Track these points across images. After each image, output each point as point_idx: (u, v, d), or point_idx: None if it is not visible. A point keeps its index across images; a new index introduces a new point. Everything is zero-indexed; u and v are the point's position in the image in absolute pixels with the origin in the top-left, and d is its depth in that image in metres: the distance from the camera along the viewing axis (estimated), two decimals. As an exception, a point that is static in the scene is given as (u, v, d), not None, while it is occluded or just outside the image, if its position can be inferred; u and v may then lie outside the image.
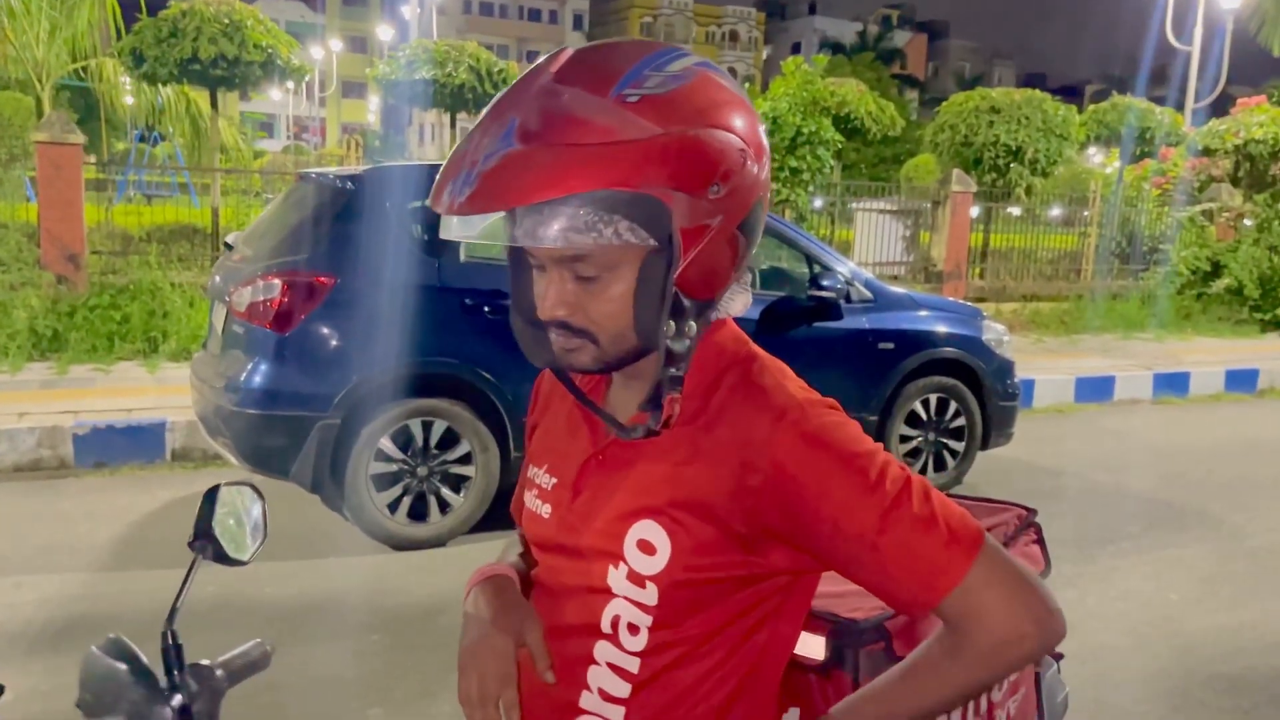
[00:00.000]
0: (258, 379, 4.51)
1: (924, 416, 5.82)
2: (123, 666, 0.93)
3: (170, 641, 0.99)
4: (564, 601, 1.10)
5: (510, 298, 1.09)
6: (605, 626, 1.06)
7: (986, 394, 5.94)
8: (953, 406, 5.88)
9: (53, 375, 7.24)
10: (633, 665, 1.06)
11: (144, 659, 0.94)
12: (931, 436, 5.86)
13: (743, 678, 1.08)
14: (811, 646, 1.20)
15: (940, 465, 5.89)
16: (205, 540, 1.12)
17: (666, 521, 1.02)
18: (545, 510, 1.14)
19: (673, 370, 1.01)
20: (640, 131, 0.91)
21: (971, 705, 1.26)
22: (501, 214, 0.95)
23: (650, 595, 1.03)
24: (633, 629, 1.05)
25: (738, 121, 0.98)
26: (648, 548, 1.03)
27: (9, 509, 5.10)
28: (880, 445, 1.02)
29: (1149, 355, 10.56)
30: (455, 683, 1.06)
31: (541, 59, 1.00)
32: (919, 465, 5.86)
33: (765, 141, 1.03)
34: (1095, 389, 9.05)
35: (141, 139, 19.93)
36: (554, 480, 1.14)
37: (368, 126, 49.35)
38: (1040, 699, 1.47)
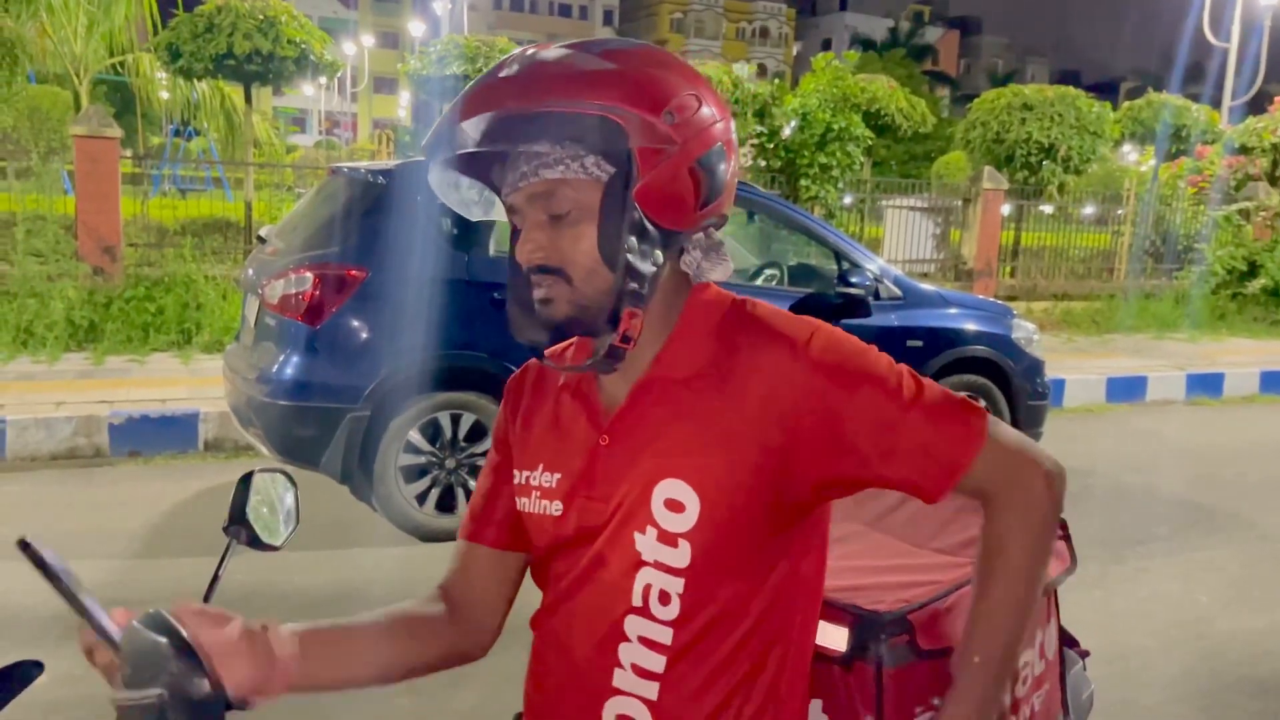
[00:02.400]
0: (289, 371, 4.56)
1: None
2: (163, 640, 0.96)
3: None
4: (591, 590, 1.11)
5: (510, 291, 1.14)
6: (636, 599, 1.07)
7: (1016, 393, 5.90)
8: (981, 405, 5.85)
9: (89, 365, 7.36)
10: (665, 636, 1.06)
11: (184, 633, 0.97)
12: (959, 435, 5.82)
13: (772, 646, 1.09)
14: (834, 638, 1.21)
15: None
16: (240, 525, 1.15)
17: (691, 475, 1.05)
18: (555, 508, 1.13)
19: (633, 285, 1.05)
20: (599, 65, 1.02)
21: None
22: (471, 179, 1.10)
23: (682, 555, 1.05)
24: (664, 597, 1.06)
25: (686, 73, 1.07)
26: (675, 506, 1.05)
27: (46, 496, 5.19)
28: (879, 352, 1.11)
29: (1182, 355, 10.44)
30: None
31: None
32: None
33: (720, 99, 1.10)
34: (1127, 389, 8.96)
35: (176, 133, 20.16)
36: (558, 475, 1.14)
37: (399, 122, 49.65)
38: (1065, 695, 1.47)
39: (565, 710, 1.13)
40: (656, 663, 1.07)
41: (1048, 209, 13.87)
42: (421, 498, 4.65)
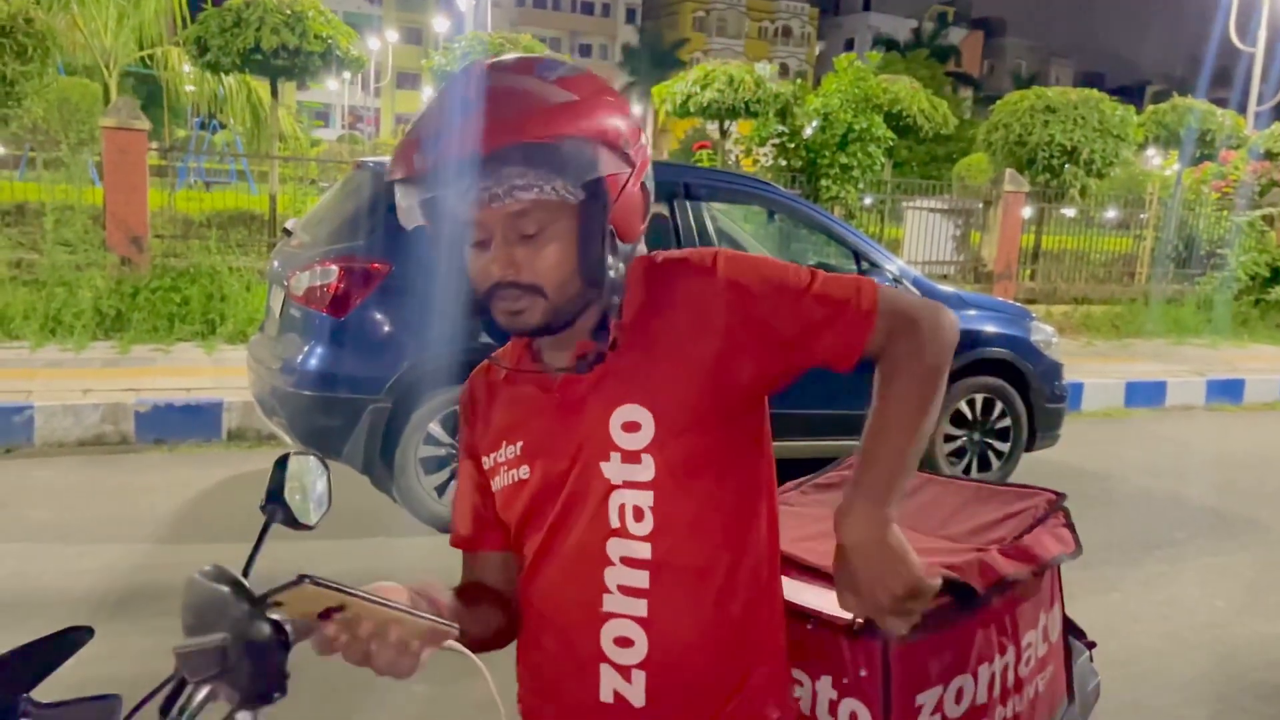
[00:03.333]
0: (313, 361, 4.63)
1: (969, 416, 5.81)
2: (225, 589, 1.01)
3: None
4: (569, 533, 1.19)
5: (472, 299, 1.21)
6: (614, 520, 1.15)
7: (1033, 395, 5.90)
8: (998, 407, 5.86)
9: (115, 354, 7.46)
10: (645, 550, 1.15)
11: (244, 582, 1.02)
12: (976, 437, 5.84)
13: (743, 548, 1.18)
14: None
15: (985, 466, 5.87)
16: (276, 505, 1.20)
17: (641, 396, 1.15)
18: (523, 471, 1.22)
19: (615, 298, 1.17)
20: (565, 97, 1.10)
21: (999, 678, 1.30)
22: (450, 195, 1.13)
23: (647, 469, 1.14)
24: (637, 513, 1.14)
25: (621, 98, 1.18)
26: (632, 426, 1.14)
27: (73, 481, 5.28)
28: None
29: (1203, 361, 10.38)
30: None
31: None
32: (963, 465, 5.85)
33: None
34: (1147, 394, 8.93)
35: (202, 126, 20.35)
36: (520, 443, 1.23)
37: (421, 117, 49.71)
38: (1071, 680, 1.50)
39: (566, 654, 1.20)
40: (640, 578, 1.15)
41: (1069, 212, 13.81)
42: (441, 489, 4.71)
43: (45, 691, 1.04)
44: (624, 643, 1.16)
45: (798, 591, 1.32)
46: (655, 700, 1.16)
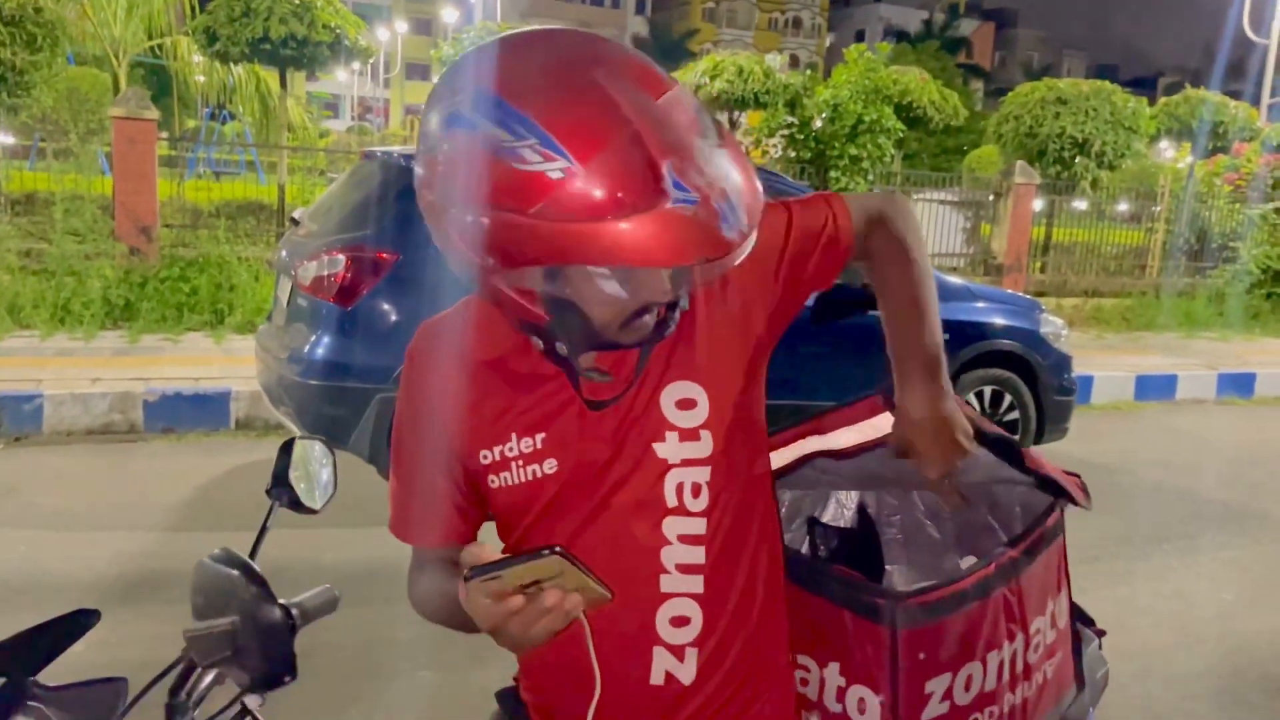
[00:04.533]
0: (320, 351, 4.63)
1: (978, 408, 5.78)
2: (235, 572, 1.01)
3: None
4: (611, 517, 1.13)
5: (557, 327, 1.04)
6: (671, 500, 1.12)
7: (1042, 388, 5.88)
8: (1007, 399, 5.84)
9: (124, 343, 7.48)
10: (700, 526, 1.13)
11: (254, 566, 1.02)
12: (985, 429, 5.82)
13: (760, 502, 1.20)
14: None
15: (993, 458, 5.85)
16: (281, 488, 1.20)
17: (691, 372, 1.12)
18: (549, 465, 1.13)
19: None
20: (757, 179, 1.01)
21: (1008, 665, 1.29)
22: None
23: (705, 445, 1.12)
24: (695, 490, 1.12)
25: None
26: (687, 404, 1.12)
27: (82, 470, 5.30)
28: None
29: (1214, 355, 10.34)
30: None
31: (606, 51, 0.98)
32: (971, 457, 5.83)
33: None
34: (1157, 387, 8.89)
35: (212, 116, 20.36)
36: (541, 435, 1.14)
37: (430, 108, 49.69)
38: (1080, 668, 1.49)
39: (612, 642, 1.10)
40: (698, 554, 1.13)
41: (1080, 204, 13.74)
42: (448, 479, 4.70)
43: (53, 674, 1.04)
44: (680, 622, 1.14)
45: (836, 439, 1.43)
46: (703, 676, 1.15)
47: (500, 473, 1.16)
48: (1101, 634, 1.60)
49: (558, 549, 0.89)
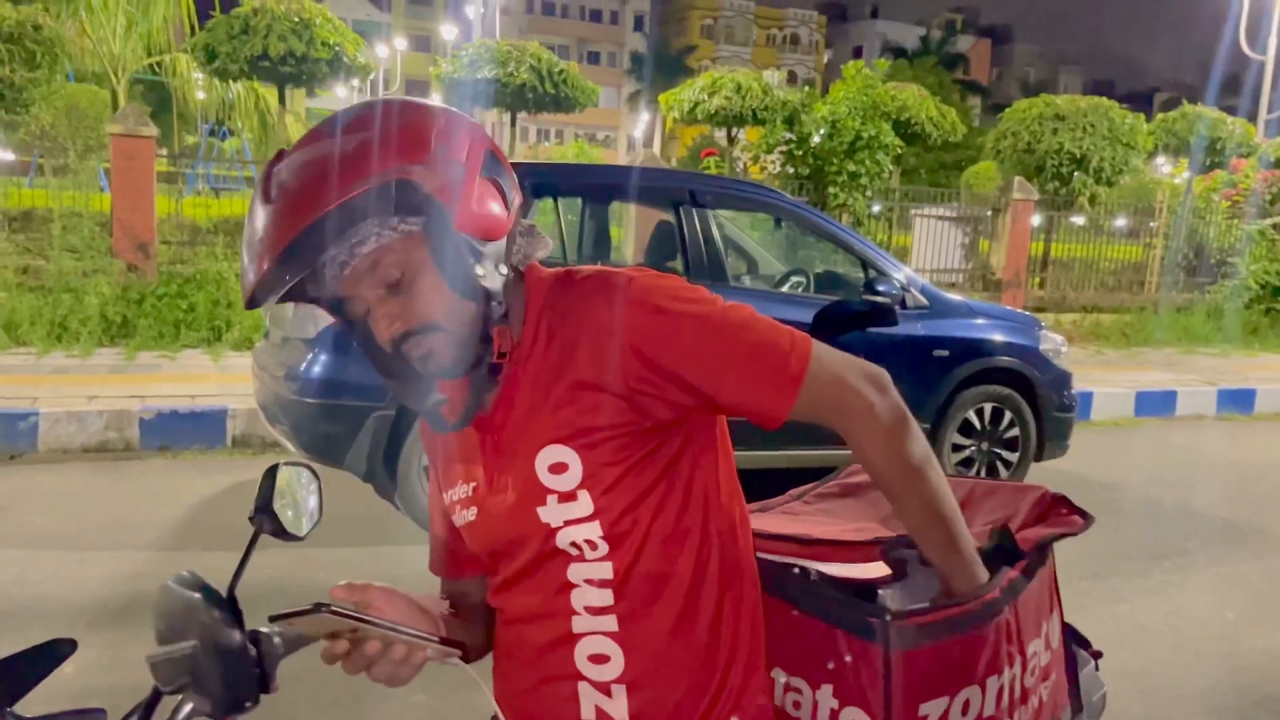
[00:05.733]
0: (316, 369, 4.61)
1: (978, 426, 5.77)
2: (196, 595, 0.99)
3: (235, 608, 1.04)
4: (524, 566, 1.18)
5: (379, 370, 1.15)
6: (570, 550, 1.14)
7: (1042, 405, 5.86)
8: (1007, 416, 5.81)
9: (121, 360, 7.46)
10: (606, 570, 1.14)
11: (216, 589, 1.00)
12: (985, 446, 5.80)
13: (704, 547, 1.17)
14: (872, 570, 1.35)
15: (993, 475, 5.83)
16: (265, 515, 1.17)
17: (560, 435, 1.12)
18: (471, 513, 1.21)
19: (494, 303, 1.11)
20: (359, 139, 1.04)
21: (1007, 690, 1.27)
22: (296, 302, 1.12)
23: (585, 504, 1.12)
24: (590, 544, 1.13)
25: (425, 107, 1.11)
26: (559, 468, 1.12)
27: (77, 488, 5.27)
28: (706, 290, 1.15)
29: (1213, 370, 10.33)
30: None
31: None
32: (971, 474, 5.81)
33: (456, 111, 1.14)
34: (1156, 403, 8.88)
35: (211, 133, 20.42)
36: (472, 484, 1.21)
37: (429, 124, 49.78)
38: (1077, 690, 1.47)
39: (541, 675, 1.19)
40: (606, 597, 1.14)
41: (1078, 220, 13.76)
42: (445, 497, 4.68)
43: (42, 696, 1.02)
44: (599, 659, 1.15)
45: (829, 570, 1.35)
46: (639, 714, 1.16)
47: (454, 514, 1.25)
48: (1098, 655, 1.58)
49: (327, 605, 0.96)
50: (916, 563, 1.37)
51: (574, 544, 1.14)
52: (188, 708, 1.02)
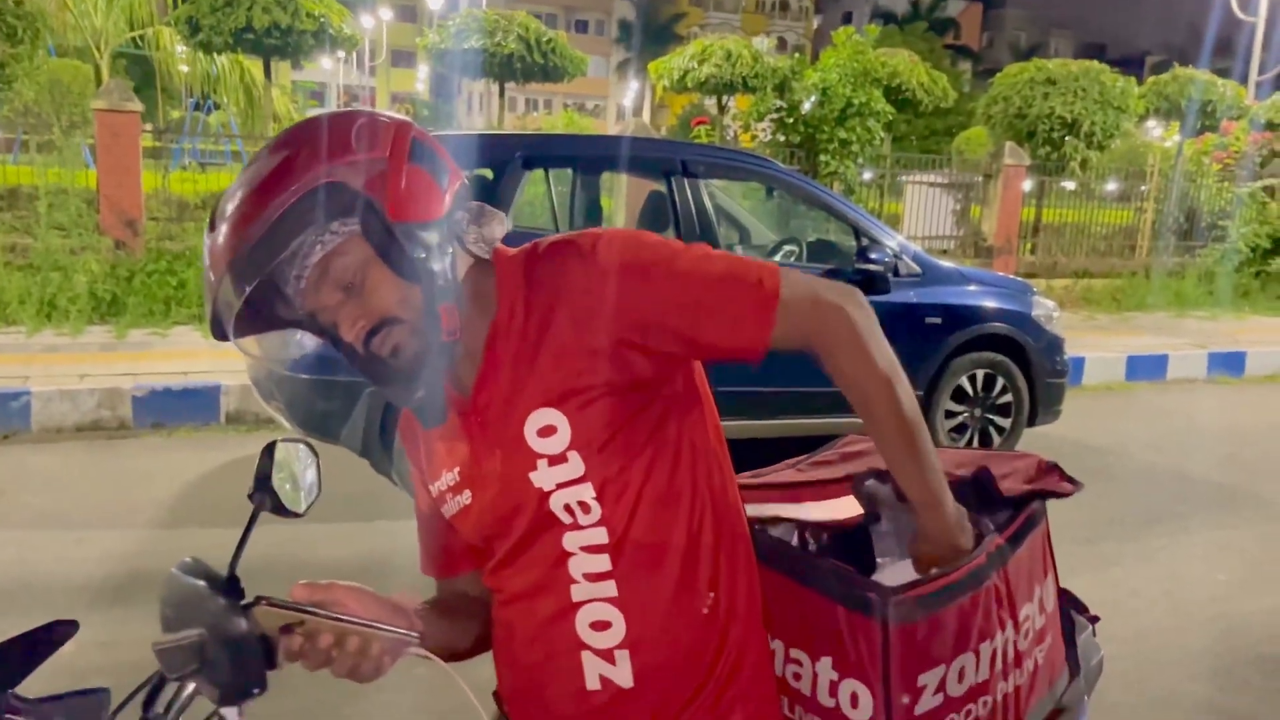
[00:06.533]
0: (310, 344, 4.59)
1: (971, 392, 5.78)
2: (201, 583, 0.99)
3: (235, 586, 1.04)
4: (521, 539, 1.19)
5: (365, 376, 1.16)
6: (563, 518, 1.15)
7: (1035, 370, 5.88)
8: (1000, 382, 5.83)
9: (111, 338, 7.43)
10: (601, 536, 1.15)
11: (220, 576, 1.00)
12: (978, 412, 5.82)
13: (696, 505, 1.19)
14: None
15: (986, 441, 5.85)
16: (264, 493, 1.17)
17: (547, 399, 1.13)
18: (465, 497, 1.22)
19: (442, 284, 1.11)
20: (281, 156, 1.06)
21: (1000, 654, 1.28)
22: (277, 330, 1.17)
23: (576, 465, 1.13)
24: (584, 507, 1.14)
25: (339, 115, 1.12)
26: (548, 430, 1.13)
27: (72, 467, 5.26)
28: (668, 238, 1.18)
29: (1204, 334, 10.36)
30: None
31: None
32: (964, 441, 5.83)
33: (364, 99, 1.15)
34: (1148, 367, 8.91)
35: (196, 107, 20.20)
36: (457, 469, 1.22)
37: (417, 96, 49.55)
38: (1073, 654, 1.48)
39: (545, 649, 1.20)
40: (603, 563, 1.15)
41: (1070, 185, 13.74)
42: (440, 471, 4.68)
43: (45, 675, 1.02)
44: (601, 626, 1.16)
45: (805, 510, 1.38)
46: (643, 678, 1.17)
47: (442, 505, 1.26)
48: (1095, 620, 1.59)
49: (265, 598, 0.98)
50: (890, 500, 1.39)
51: (567, 507, 1.14)
52: (190, 688, 1.02)
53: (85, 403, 5.87)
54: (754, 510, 1.40)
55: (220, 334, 1.10)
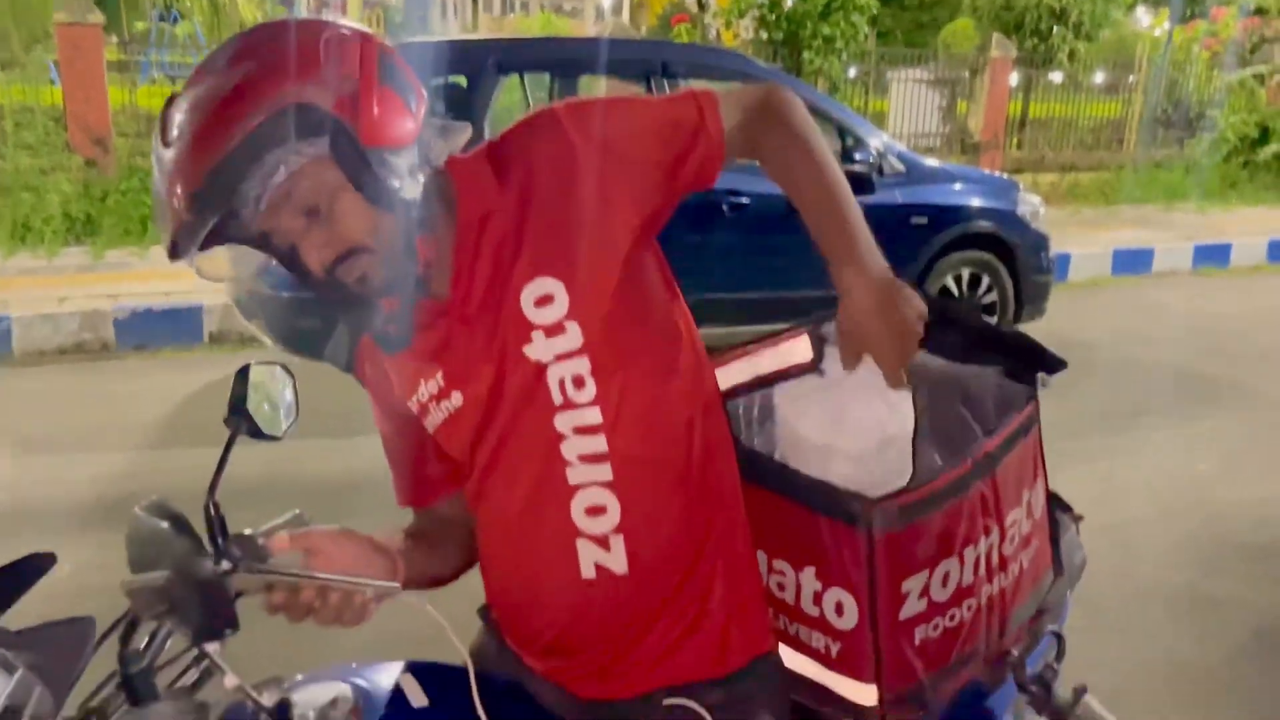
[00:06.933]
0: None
1: (956, 292, 5.77)
2: (165, 525, 0.98)
3: (213, 513, 1.02)
4: (514, 428, 1.16)
5: (321, 298, 1.12)
6: (556, 397, 1.14)
7: (1020, 268, 5.86)
8: (985, 281, 5.82)
9: (89, 260, 7.33)
10: (595, 415, 1.14)
11: (185, 517, 0.99)
12: (964, 311, 5.82)
13: (685, 384, 1.20)
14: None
15: (972, 340, 5.87)
16: (240, 417, 1.15)
17: (541, 267, 1.12)
18: (456, 399, 1.18)
19: (416, 214, 1.08)
20: (244, 73, 1.00)
21: (984, 559, 1.29)
22: (236, 246, 1.07)
23: (574, 336, 1.12)
24: (578, 381, 1.13)
25: (304, 22, 1.06)
26: (544, 300, 1.12)
27: (56, 391, 5.24)
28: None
29: (1190, 226, 10.33)
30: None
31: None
32: (950, 340, 5.85)
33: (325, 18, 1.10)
34: (1133, 261, 8.90)
35: (161, 18, 19.57)
36: (439, 373, 1.18)
37: (388, 1, 48.13)
38: (1058, 554, 1.49)
39: (538, 542, 1.18)
40: (598, 443, 1.14)
41: (1057, 78, 13.51)
42: (427, 385, 4.68)
43: (42, 598, 1.01)
44: (596, 511, 1.15)
45: (758, 363, 1.41)
46: (636, 563, 1.16)
47: (426, 417, 1.22)
48: (1079, 519, 1.60)
49: (241, 565, 0.99)
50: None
51: (561, 383, 1.13)
52: (166, 628, 1.02)
53: (67, 325, 5.81)
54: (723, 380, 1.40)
55: (177, 256, 1.05)
